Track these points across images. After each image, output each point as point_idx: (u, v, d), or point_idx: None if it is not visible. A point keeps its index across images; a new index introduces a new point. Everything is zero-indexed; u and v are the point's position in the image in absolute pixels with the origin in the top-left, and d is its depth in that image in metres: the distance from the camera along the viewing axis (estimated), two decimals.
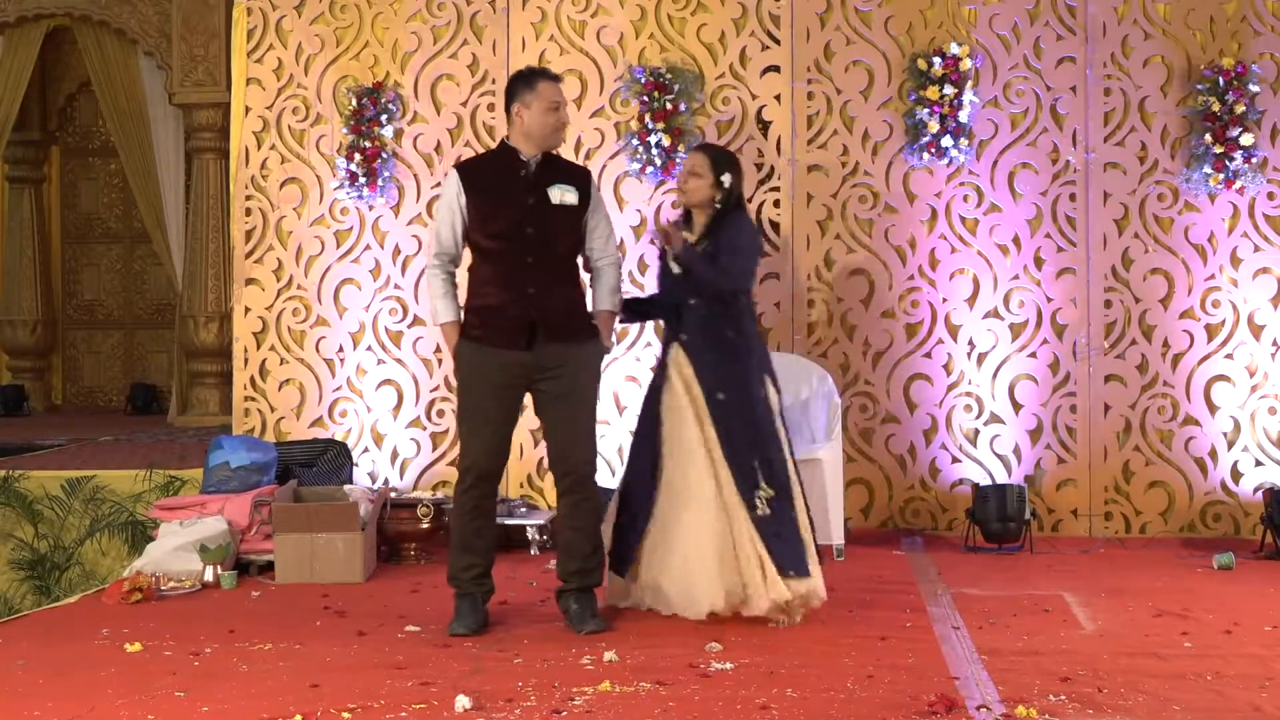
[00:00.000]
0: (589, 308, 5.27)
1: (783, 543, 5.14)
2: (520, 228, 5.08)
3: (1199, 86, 7.14)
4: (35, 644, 5.01)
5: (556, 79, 5.27)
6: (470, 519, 5.18)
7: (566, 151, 7.39)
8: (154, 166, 10.74)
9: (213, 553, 6.15)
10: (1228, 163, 7.07)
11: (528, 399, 5.26)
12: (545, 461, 5.99)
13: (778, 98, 7.42)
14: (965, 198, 7.33)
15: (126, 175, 11.16)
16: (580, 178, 5.28)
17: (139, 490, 7.38)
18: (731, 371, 5.28)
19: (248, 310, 7.73)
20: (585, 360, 5.17)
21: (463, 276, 5.28)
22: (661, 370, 5.42)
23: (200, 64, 10.09)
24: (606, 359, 5.59)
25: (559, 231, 5.15)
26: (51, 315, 12.30)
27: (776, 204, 7.41)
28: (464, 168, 5.32)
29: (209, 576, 6.12)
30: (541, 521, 6.87)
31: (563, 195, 5.10)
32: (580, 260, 5.30)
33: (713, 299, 5.32)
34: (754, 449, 5.20)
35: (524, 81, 5.19)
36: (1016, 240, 7.31)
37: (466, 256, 5.27)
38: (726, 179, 5.34)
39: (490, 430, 5.14)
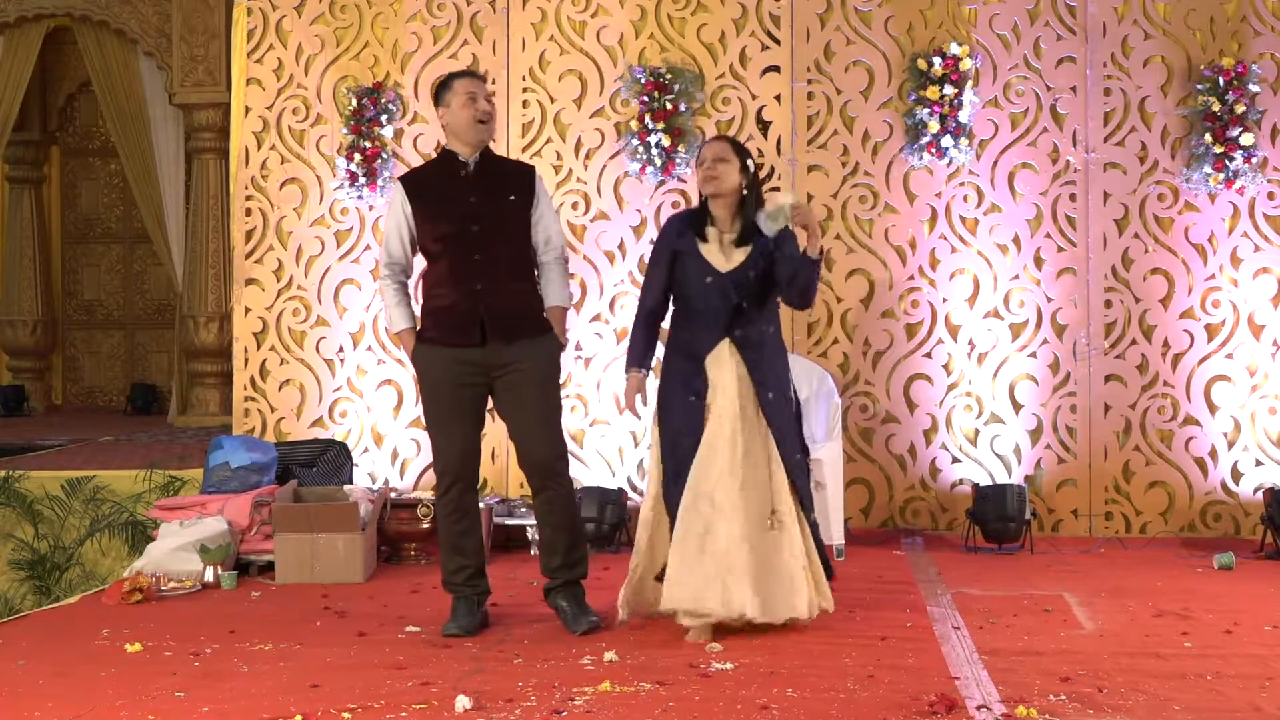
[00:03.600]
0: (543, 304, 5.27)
1: (824, 551, 5.18)
2: (465, 226, 5.12)
3: (1199, 86, 7.14)
4: (35, 644, 5.01)
5: (476, 76, 5.34)
6: (454, 521, 5.20)
7: (566, 152, 7.42)
8: (154, 167, 10.75)
9: (213, 553, 6.15)
10: (1228, 162, 7.07)
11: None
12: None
13: (778, 98, 7.43)
14: (965, 198, 7.33)
15: (126, 175, 11.16)
16: (523, 175, 5.30)
17: (139, 490, 7.38)
18: (775, 368, 5.14)
19: (248, 310, 7.74)
20: (541, 356, 5.17)
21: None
22: (699, 367, 5.08)
23: (200, 64, 10.10)
24: (566, 353, 5.54)
25: (504, 228, 5.17)
26: (51, 315, 12.31)
27: None
28: (407, 178, 5.38)
29: (209, 577, 6.12)
30: None
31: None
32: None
33: (760, 299, 5.13)
34: (795, 445, 5.13)
35: (442, 85, 5.28)
36: (1016, 240, 7.31)
37: (418, 265, 5.33)
38: (750, 164, 5.18)
39: (458, 431, 5.16)
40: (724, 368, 5.07)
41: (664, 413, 5.16)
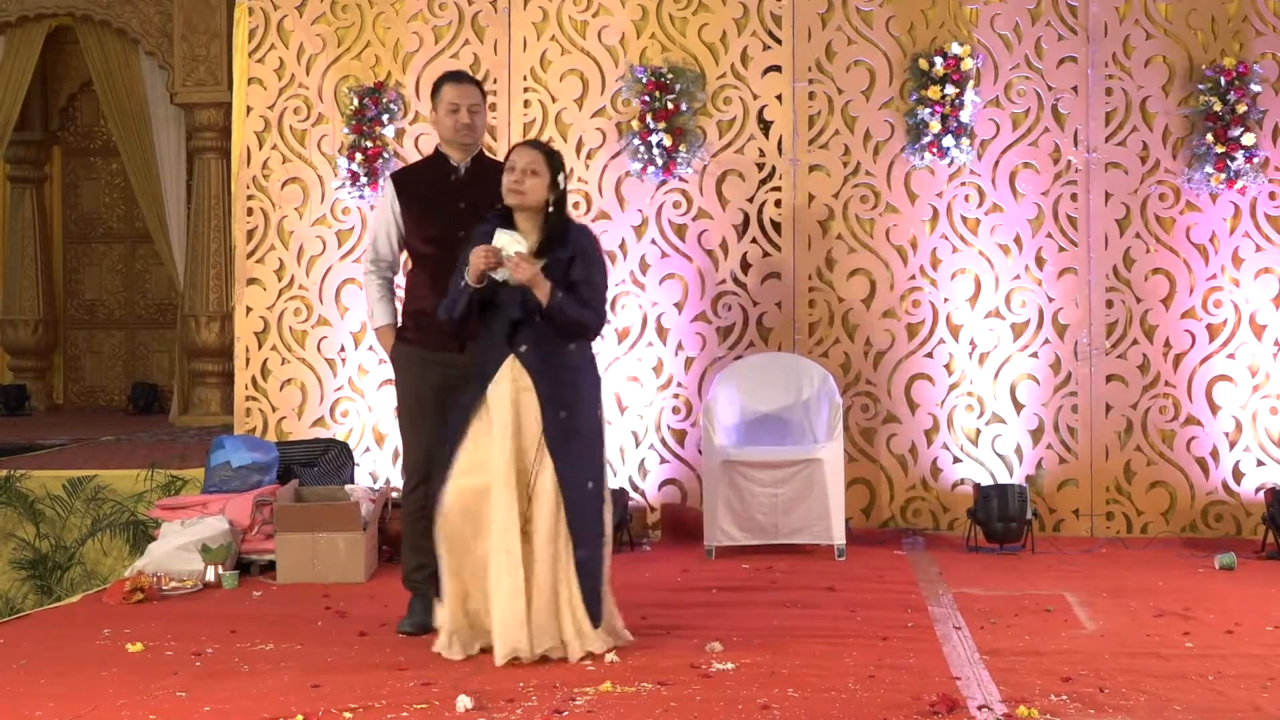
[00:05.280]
0: None
1: (593, 591, 4.69)
2: (452, 232, 5.10)
3: (1200, 86, 7.14)
4: (37, 644, 5.01)
5: (464, 82, 5.28)
6: (416, 520, 5.19)
7: (568, 151, 7.42)
8: (155, 166, 10.76)
9: (214, 553, 6.15)
10: (1229, 162, 7.07)
11: None
12: None
13: (779, 97, 7.42)
14: (966, 197, 7.33)
15: (128, 175, 11.17)
16: None
17: (140, 490, 7.38)
18: (574, 388, 4.77)
19: (249, 310, 7.74)
20: None
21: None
22: (483, 383, 4.75)
23: (202, 64, 10.11)
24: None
25: None
26: (53, 315, 12.31)
27: (778, 204, 7.41)
28: (398, 176, 5.40)
29: (210, 576, 6.13)
30: None
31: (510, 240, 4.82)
32: None
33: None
34: (589, 472, 4.74)
35: (434, 88, 5.29)
36: (1018, 240, 7.31)
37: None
38: (562, 180, 4.80)
39: (428, 431, 5.15)
40: (504, 387, 4.71)
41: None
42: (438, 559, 4.77)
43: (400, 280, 5.40)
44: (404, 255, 5.33)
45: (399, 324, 5.29)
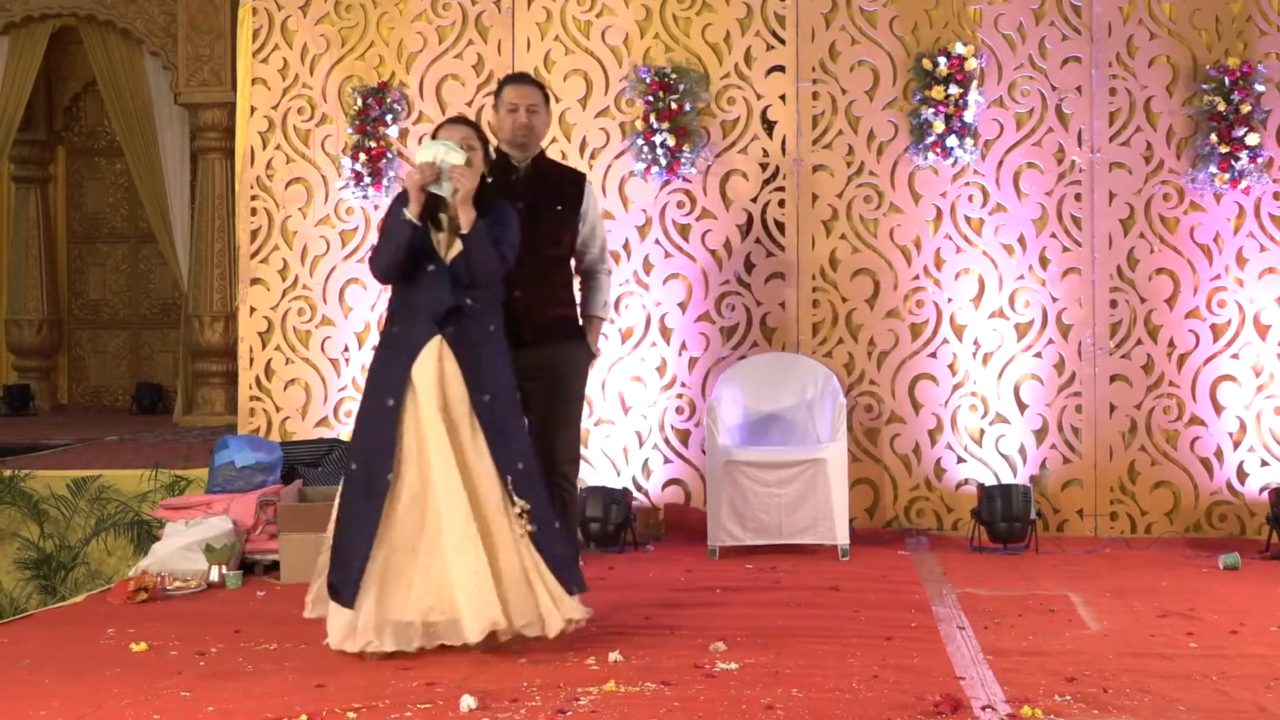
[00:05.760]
0: (578, 311, 5.35)
1: (555, 557, 4.70)
2: None
3: (1204, 86, 7.13)
4: (41, 643, 5.02)
5: (524, 83, 5.32)
6: None
7: (572, 151, 7.42)
8: (159, 166, 10.78)
9: (218, 552, 6.15)
10: (1233, 162, 7.06)
11: None
12: None
13: (783, 97, 7.42)
14: (970, 197, 7.33)
15: (132, 175, 11.18)
16: (574, 183, 5.33)
17: (144, 490, 7.39)
18: (495, 369, 4.79)
19: (253, 310, 7.74)
20: (571, 362, 5.21)
21: None
22: (408, 361, 4.72)
23: (205, 64, 10.13)
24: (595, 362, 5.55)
25: (548, 237, 5.19)
26: (57, 315, 12.32)
27: (781, 204, 7.41)
28: None
29: (214, 576, 6.13)
30: None
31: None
32: (573, 264, 5.36)
33: (477, 288, 4.78)
34: (518, 453, 4.76)
35: (496, 90, 5.35)
36: (1022, 240, 7.30)
37: None
38: (492, 151, 5.01)
39: None
40: (431, 369, 4.70)
41: (361, 418, 4.89)
42: (365, 547, 4.65)
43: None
44: None
45: None
